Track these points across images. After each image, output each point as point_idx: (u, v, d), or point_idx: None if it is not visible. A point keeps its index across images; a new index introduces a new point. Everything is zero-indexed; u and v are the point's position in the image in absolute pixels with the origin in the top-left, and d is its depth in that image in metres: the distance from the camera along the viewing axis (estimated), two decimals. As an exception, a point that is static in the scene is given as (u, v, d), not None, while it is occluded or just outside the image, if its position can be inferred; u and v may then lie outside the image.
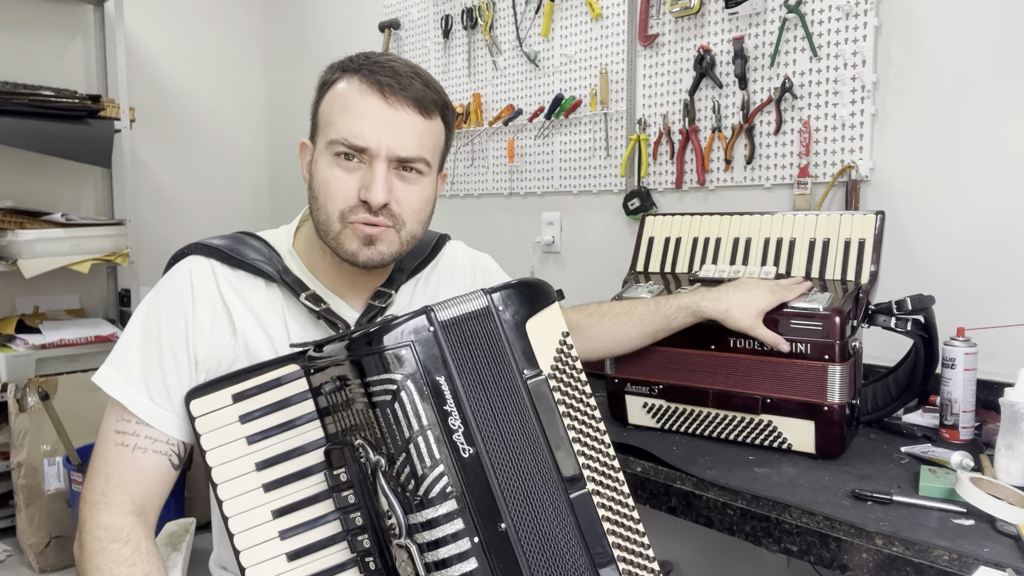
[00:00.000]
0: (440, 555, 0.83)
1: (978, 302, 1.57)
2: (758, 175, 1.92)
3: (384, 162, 1.01)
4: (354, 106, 1.01)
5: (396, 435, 0.84)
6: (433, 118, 1.05)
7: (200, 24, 3.60)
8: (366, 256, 1.04)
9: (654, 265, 1.64)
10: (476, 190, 2.69)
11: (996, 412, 1.34)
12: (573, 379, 0.95)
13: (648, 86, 2.15)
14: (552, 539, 0.87)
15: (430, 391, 0.86)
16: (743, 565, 1.92)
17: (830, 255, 1.46)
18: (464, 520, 0.84)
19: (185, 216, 3.54)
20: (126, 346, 1.05)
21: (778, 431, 1.36)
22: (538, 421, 0.91)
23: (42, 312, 3.15)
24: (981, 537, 1.02)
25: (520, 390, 0.91)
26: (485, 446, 0.87)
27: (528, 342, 0.93)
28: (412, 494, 0.84)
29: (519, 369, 0.91)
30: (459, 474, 0.85)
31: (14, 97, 2.78)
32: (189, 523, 1.44)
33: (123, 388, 1.02)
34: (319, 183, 1.05)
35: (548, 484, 0.89)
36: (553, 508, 0.89)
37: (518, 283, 0.96)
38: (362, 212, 1.02)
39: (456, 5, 2.68)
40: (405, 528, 0.83)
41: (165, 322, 1.04)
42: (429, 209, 1.11)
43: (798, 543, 1.12)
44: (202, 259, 1.09)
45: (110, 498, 1.00)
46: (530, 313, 0.94)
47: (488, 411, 0.89)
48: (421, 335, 0.87)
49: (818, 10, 1.78)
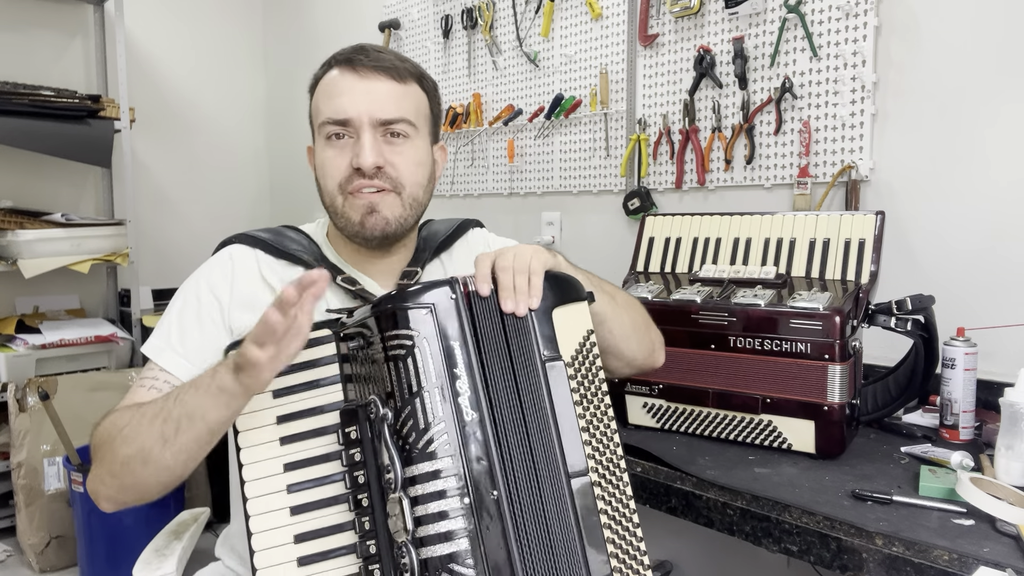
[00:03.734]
0: (429, 509, 0.85)
1: (978, 302, 1.57)
2: (758, 175, 1.92)
3: (369, 129, 1.07)
4: (333, 89, 1.10)
5: (405, 388, 0.88)
6: (408, 83, 1.11)
7: (200, 24, 3.60)
8: (371, 224, 1.09)
9: (654, 265, 1.64)
10: (476, 190, 2.69)
11: (996, 412, 1.34)
12: (591, 374, 0.97)
13: (648, 86, 2.15)
14: (545, 519, 0.88)
15: (443, 352, 0.89)
16: (743, 565, 1.92)
17: (830, 255, 1.46)
18: (458, 480, 0.86)
19: (185, 216, 3.54)
20: (169, 317, 1.12)
21: (778, 431, 1.36)
22: (550, 402, 0.92)
23: (42, 312, 3.15)
24: (981, 537, 1.02)
25: (537, 369, 0.93)
26: (491, 414, 0.89)
27: (552, 328, 0.95)
28: (412, 447, 0.87)
29: (539, 349, 0.93)
30: (459, 435, 0.87)
31: (14, 97, 2.78)
32: (200, 512, 1.44)
33: (166, 354, 1.08)
34: (318, 168, 1.12)
35: (551, 463, 0.90)
36: (552, 489, 0.90)
37: (550, 273, 0.98)
38: (358, 179, 1.08)
39: (456, 5, 2.68)
40: (401, 480, 0.86)
41: (204, 292, 1.11)
42: (426, 172, 1.14)
43: (798, 543, 1.12)
44: (246, 248, 1.15)
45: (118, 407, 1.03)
46: (558, 303, 0.97)
47: (500, 382, 0.91)
48: (443, 301, 0.91)
49: (818, 10, 1.78)
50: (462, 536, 0.85)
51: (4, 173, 3.08)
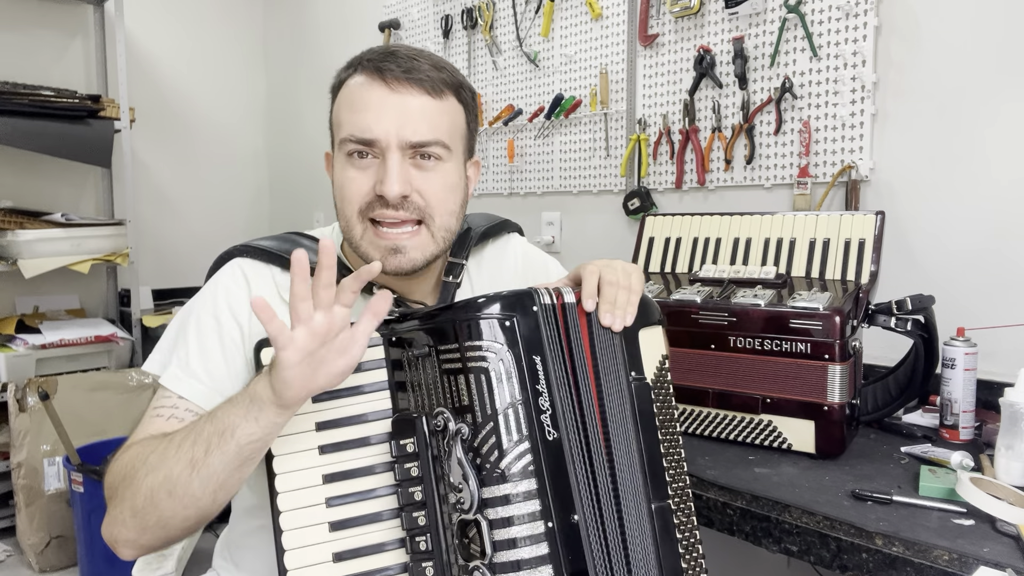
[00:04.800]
0: (512, 533, 0.81)
1: (978, 302, 1.57)
2: (758, 175, 1.92)
3: (396, 152, 0.95)
4: (358, 100, 0.96)
5: (486, 404, 0.83)
6: (444, 98, 0.98)
7: (200, 24, 3.60)
8: (395, 264, 0.98)
9: (654, 265, 1.64)
10: (476, 190, 2.69)
11: (996, 412, 1.34)
12: (668, 398, 0.94)
13: (648, 86, 2.15)
14: (625, 545, 0.85)
15: (526, 367, 0.85)
16: (743, 565, 1.92)
17: (830, 255, 1.46)
18: (541, 503, 0.82)
19: (185, 216, 3.54)
20: (184, 342, 0.99)
21: (778, 431, 1.36)
22: (635, 422, 0.90)
23: (42, 312, 3.15)
24: (981, 537, 1.02)
25: (624, 388, 0.90)
26: (576, 434, 0.86)
27: (638, 348, 0.93)
28: (493, 466, 0.82)
29: (627, 369, 0.91)
30: (543, 456, 0.83)
31: (14, 97, 2.78)
32: None
33: (187, 383, 0.97)
34: (336, 187, 1.00)
35: (634, 488, 0.88)
36: (636, 513, 0.87)
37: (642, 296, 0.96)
38: (379, 207, 0.96)
39: (456, 5, 2.68)
40: (478, 502, 0.81)
41: (224, 314, 0.99)
42: (458, 198, 1.02)
43: (798, 543, 1.12)
44: (259, 264, 1.03)
45: (132, 441, 0.94)
46: (643, 324, 0.94)
47: (586, 401, 0.88)
48: (525, 313, 0.87)
49: (818, 10, 1.78)
50: (543, 564, 0.81)
51: (4, 173, 3.08)
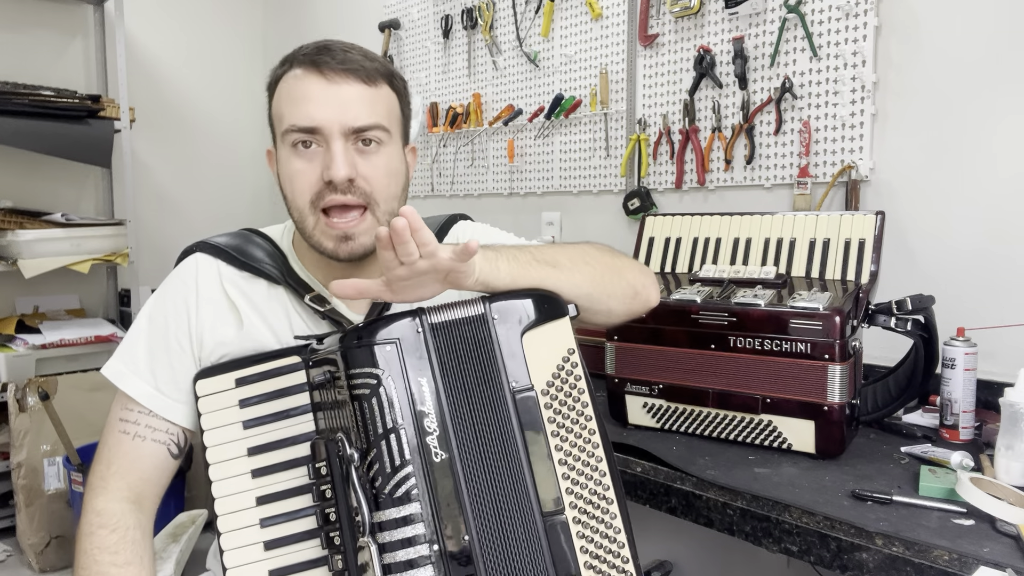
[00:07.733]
0: (398, 557, 0.82)
1: (978, 302, 1.57)
2: (758, 175, 1.92)
3: (340, 138, 0.99)
4: (298, 92, 1.01)
5: (371, 429, 0.85)
6: (379, 85, 1.03)
7: (200, 24, 3.60)
8: (346, 250, 1.02)
9: (654, 265, 1.64)
10: (476, 190, 2.69)
11: (996, 412, 1.34)
12: (571, 398, 0.92)
13: (648, 86, 2.15)
14: (518, 561, 0.85)
15: (409, 390, 0.86)
16: (743, 565, 1.92)
17: (830, 255, 1.46)
18: (426, 526, 0.83)
19: (185, 216, 3.54)
20: (134, 340, 1.08)
21: (778, 431, 1.36)
22: (521, 437, 0.89)
23: (42, 312, 3.15)
24: (981, 537, 1.02)
25: (506, 402, 0.89)
26: (459, 453, 0.86)
27: (524, 355, 0.91)
28: (379, 491, 0.83)
29: (508, 380, 0.90)
30: (428, 478, 0.84)
31: (14, 97, 2.78)
32: (198, 515, 1.44)
33: (130, 380, 1.05)
34: (284, 180, 1.04)
35: (522, 503, 0.87)
36: (524, 529, 0.86)
37: (522, 293, 0.94)
38: (329, 193, 1.00)
39: (456, 5, 2.68)
40: (369, 526, 0.83)
41: (171, 315, 1.07)
42: (400, 181, 1.07)
43: (798, 543, 1.12)
44: (208, 258, 1.10)
45: (108, 483, 1.03)
46: (531, 325, 0.92)
47: (468, 419, 0.88)
48: (408, 335, 0.88)
49: (818, 10, 1.78)
50: None
51: (4, 173, 3.08)
